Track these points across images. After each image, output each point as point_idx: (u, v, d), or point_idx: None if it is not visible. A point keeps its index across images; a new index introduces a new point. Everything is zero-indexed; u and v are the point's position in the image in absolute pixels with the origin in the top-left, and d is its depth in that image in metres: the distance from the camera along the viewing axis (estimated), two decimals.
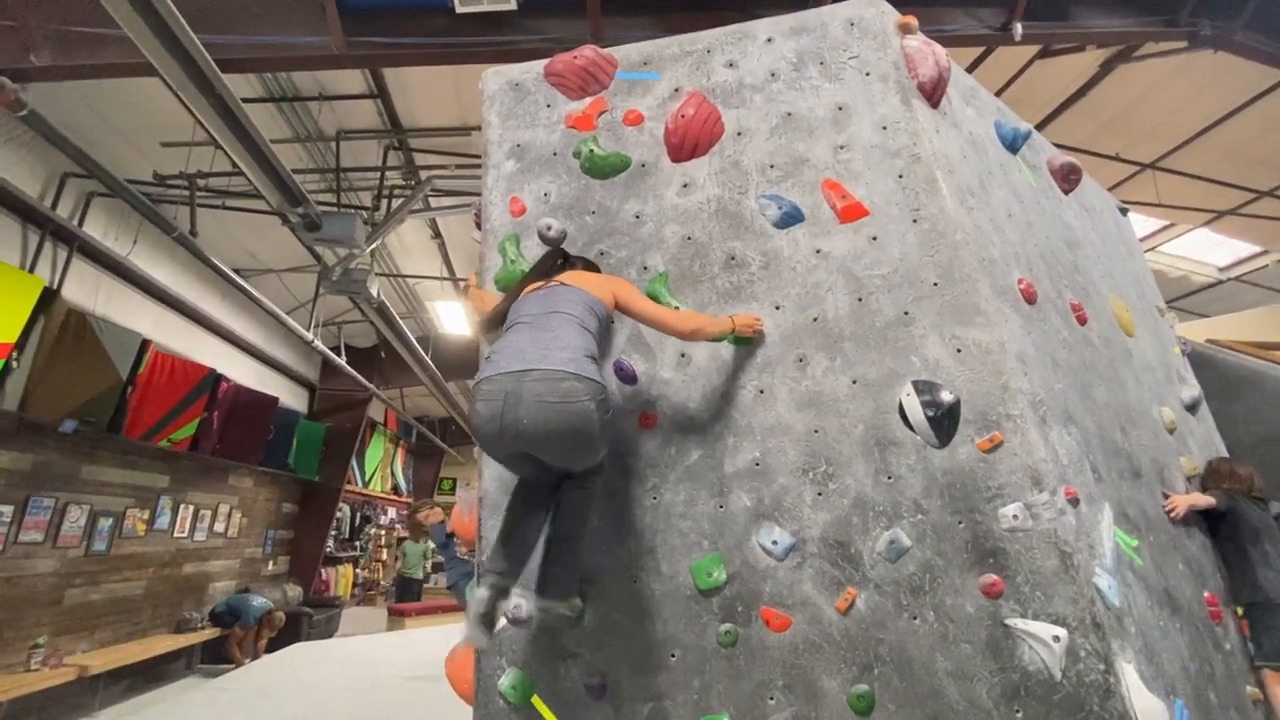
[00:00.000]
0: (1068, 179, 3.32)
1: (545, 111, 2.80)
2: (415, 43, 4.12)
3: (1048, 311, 2.60)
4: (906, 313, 2.27)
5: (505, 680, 2.18)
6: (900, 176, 2.41)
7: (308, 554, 9.87)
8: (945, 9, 4.75)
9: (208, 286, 7.51)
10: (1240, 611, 2.77)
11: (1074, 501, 2.09)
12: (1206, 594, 2.63)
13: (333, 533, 10.73)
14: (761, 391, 2.30)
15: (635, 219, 2.58)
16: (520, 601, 2.22)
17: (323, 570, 10.43)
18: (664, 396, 2.36)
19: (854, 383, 2.25)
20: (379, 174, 6.20)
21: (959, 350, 2.20)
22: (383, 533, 12.10)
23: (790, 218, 2.44)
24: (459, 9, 3.98)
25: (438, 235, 7.87)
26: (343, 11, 3.94)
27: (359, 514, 12.55)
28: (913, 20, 2.65)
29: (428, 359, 9.00)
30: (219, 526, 7.84)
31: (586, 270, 2.35)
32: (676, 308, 2.40)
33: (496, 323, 2.25)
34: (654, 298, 2.44)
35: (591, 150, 2.65)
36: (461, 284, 4.93)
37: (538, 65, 2.89)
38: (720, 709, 2.05)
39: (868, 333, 2.28)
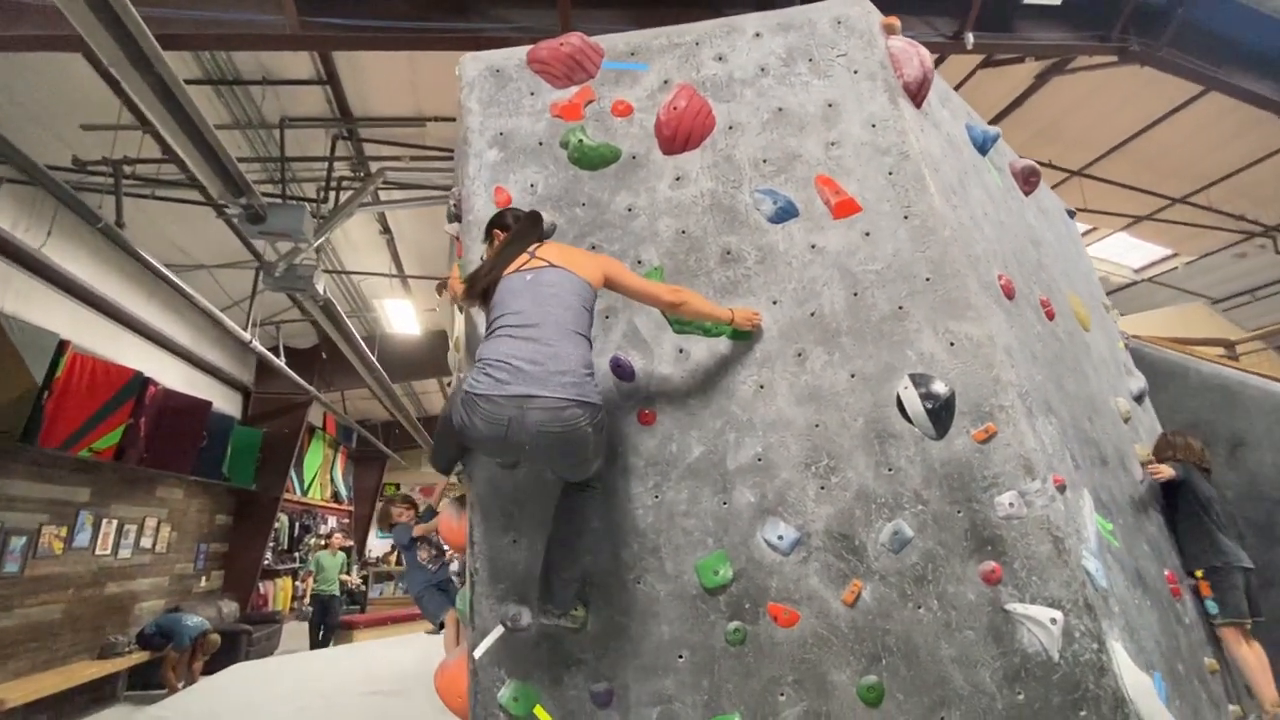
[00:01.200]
0: (1028, 181, 3.48)
1: (529, 99, 2.71)
2: (375, 26, 3.92)
3: (1023, 307, 2.71)
4: (901, 307, 2.31)
5: (505, 692, 2.08)
6: (890, 174, 2.46)
7: (244, 568, 9.29)
8: (901, 16, 4.91)
9: (132, 283, 6.94)
10: (1200, 574, 2.97)
11: (1061, 488, 2.17)
12: (1167, 572, 2.81)
13: (270, 544, 10.14)
14: (762, 386, 2.29)
15: (627, 212, 2.52)
16: (519, 609, 2.13)
17: (260, 584, 9.83)
18: (663, 393, 2.32)
19: (852, 376, 2.27)
20: (327, 164, 5.88)
21: (952, 344, 2.25)
22: (323, 542, 11.52)
23: (785, 213, 2.44)
24: None
25: (387, 230, 7.55)
26: None
27: (297, 524, 11.92)
28: (896, 21, 2.71)
29: (374, 360, 8.62)
30: (145, 542, 7.26)
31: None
32: None
33: (484, 297, 2.11)
34: None
35: (580, 140, 2.58)
36: (437, 285, 4.73)
37: (519, 51, 2.79)
38: (731, 709, 2.02)
39: (864, 327, 2.31)
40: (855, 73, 2.59)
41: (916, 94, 2.63)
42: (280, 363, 8.48)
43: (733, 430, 2.26)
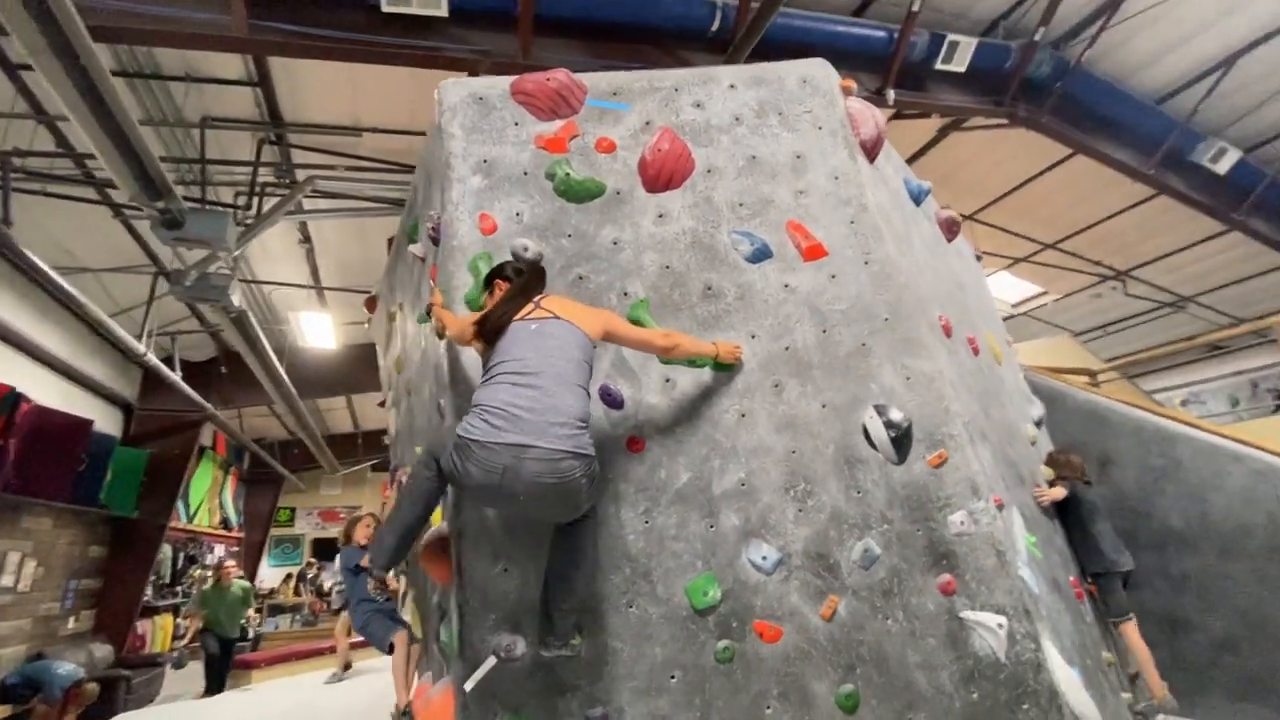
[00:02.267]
0: (950, 230, 3.90)
1: (513, 129, 2.75)
2: (330, 36, 3.80)
3: (958, 344, 3.04)
4: (864, 344, 2.54)
5: None
6: (852, 223, 2.71)
7: (120, 605, 8.30)
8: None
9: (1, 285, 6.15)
10: (1089, 579, 3.43)
11: (1000, 507, 2.47)
12: (1071, 578, 3.21)
13: (151, 577, 9.13)
14: (743, 415, 2.44)
15: (613, 245, 2.61)
16: (513, 639, 2.13)
17: (138, 623, 8.81)
18: (651, 421, 2.41)
19: (824, 406, 2.47)
20: (251, 169, 5.54)
21: (908, 378, 2.51)
22: (212, 575, 10.52)
23: (761, 254, 2.63)
24: (385, 7, 3.74)
25: (307, 240, 7.17)
26: None
27: (181, 554, 10.80)
28: (853, 84, 3.00)
29: (284, 376, 8.09)
30: (6, 580, 6.35)
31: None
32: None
33: (490, 337, 2.13)
34: (637, 323, 2.49)
35: (568, 173, 2.65)
36: (366, 300, 4.57)
37: (501, 81, 2.83)
38: None
39: (833, 361, 2.52)
40: (820, 129, 2.84)
41: (871, 151, 2.92)
42: (175, 377, 7.76)
43: (718, 457, 2.39)
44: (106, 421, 8.50)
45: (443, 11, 3.86)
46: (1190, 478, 4.68)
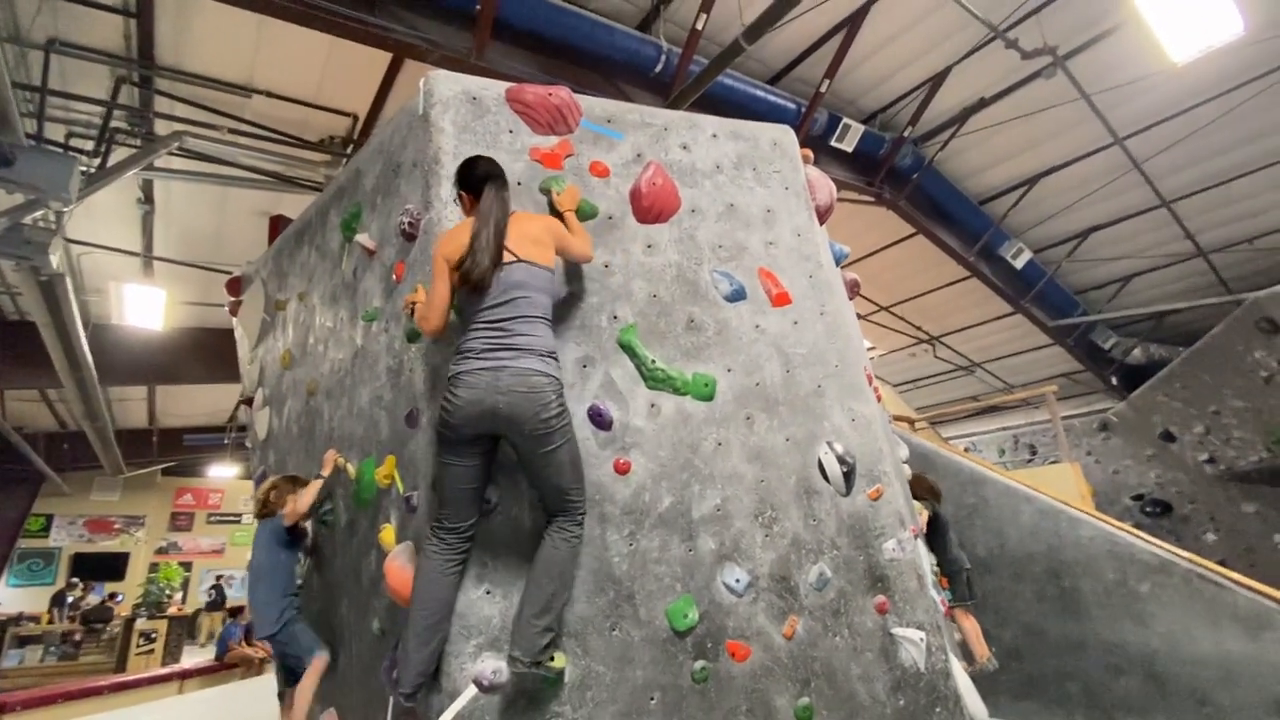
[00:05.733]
0: (853, 291, 4.44)
1: (507, 137, 2.69)
2: None
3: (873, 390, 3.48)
4: (819, 386, 2.84)
5: None
6: (810, 277, 3.02)
7: None
8: None
9: None
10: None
11: (916, 537, 2.86)
12: (940, 598, 3.77)
13: None
14: (720, 444, 2.59)
15: (605, 268, 2.65)
16: (497, 665, 2.04)
17: None
18: (637, 445, 2.47)
19: (787, 440, 2.70)
20: (104, 112, 4.66)
21: (853, 419, 2.84)
22: None
23: (738, 294, 2.83)
24: None
25: (149, 201, 6.13)
26: None
27: None
28: (810, 153, 3.35)
29: (89, 359, 6.76)
30: None
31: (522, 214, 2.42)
32: (653, 360, 2.56)
33: (474, 287, 2.21)
34: (628, 347, 2.55)
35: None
36: (228, 282, 4.14)
37: (494, 85, 2.76)
38: None
39: (795, 399, 2.78)
40: (786, 189, 3.14)
41: (823, 216, 3.28)
42: None
43: (697, 482, 2.50)
44: None
45: None
46: (994, 514, 5.72)
